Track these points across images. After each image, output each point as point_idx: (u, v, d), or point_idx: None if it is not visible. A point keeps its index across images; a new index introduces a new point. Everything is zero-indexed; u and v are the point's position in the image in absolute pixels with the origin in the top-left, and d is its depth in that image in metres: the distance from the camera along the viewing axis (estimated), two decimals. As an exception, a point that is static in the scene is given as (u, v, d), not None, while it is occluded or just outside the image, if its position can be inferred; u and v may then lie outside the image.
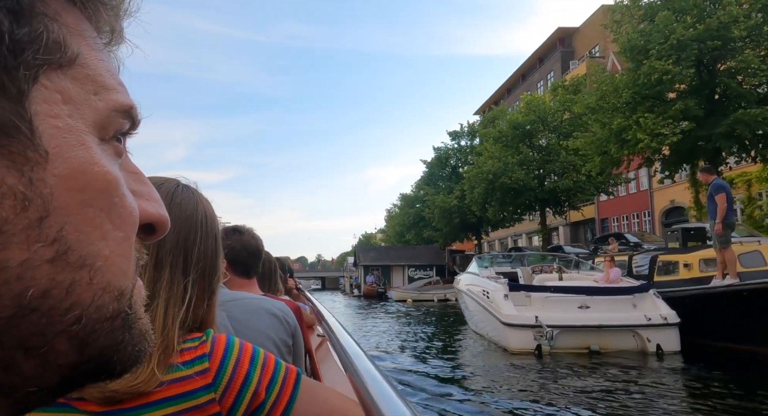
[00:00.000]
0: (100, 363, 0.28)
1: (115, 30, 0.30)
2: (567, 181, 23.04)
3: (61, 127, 0.25)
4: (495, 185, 24.26)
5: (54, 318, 0.24)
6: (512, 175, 23.83)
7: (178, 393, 0.64)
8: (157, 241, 0.34)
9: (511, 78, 49.00)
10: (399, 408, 0.73)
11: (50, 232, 0.24)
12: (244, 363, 0.69)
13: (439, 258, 38.96)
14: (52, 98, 0.25)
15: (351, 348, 1.19)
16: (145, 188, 0.32)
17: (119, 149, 0.29)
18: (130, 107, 0.29)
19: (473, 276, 12.23)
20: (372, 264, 38.40)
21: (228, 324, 1.26)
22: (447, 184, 36.52)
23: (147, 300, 0.32)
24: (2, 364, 0.24)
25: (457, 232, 36.16)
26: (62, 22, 0.26)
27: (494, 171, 24.14)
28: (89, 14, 0.28)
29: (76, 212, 0.25)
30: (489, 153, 25.35)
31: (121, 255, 0.28)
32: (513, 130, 25.16)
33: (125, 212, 0.28)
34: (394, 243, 49.99)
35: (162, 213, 0.32)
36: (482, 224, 35.38)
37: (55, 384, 0.26)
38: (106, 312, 0.27)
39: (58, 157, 0.24)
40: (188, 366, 0.66)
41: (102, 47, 0.29)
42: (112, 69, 0.29)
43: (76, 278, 0.25)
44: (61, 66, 0.25)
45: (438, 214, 34.56)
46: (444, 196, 34.57)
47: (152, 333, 0.32)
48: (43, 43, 0.24)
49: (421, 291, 28.80)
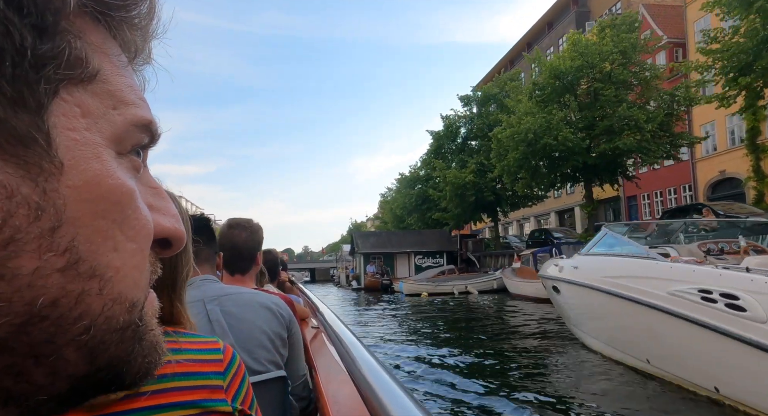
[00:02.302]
0: (110, 374, 0.28)
1: (138, 49, 0.31)
2: (629, 141, 18.06)
3: (78, 140, 0.25)
4: (536, 148, 19.26)
5: (63, 326, 0.25)
6: (558, 134, 18.84)
7: (189, 370, 0.64)
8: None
9: (515, 47, 43.83)
10: (399, 396, 0.75)
11: (62, 242, 0.24)
12: (243, 370, 0.72)
13: (449, 244, 33.98)
14: (71, 112, 0.25)
15: (347, 338, 1.40)
16: (162, 203, 0.32)
17: (137, 163, 0.30)
18: (149, 122, 0.30)
19: (623, 262, 6.47)
20: (373, 251, 33.16)
21: (222, 318, 1.37)
22: (459, 157, 31.46)
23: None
24: (13, 371, 0.24)
25: (471, 213, 31.23)
26: (86, 39, 0.26)
27: (536, 129, 19.11)
28: (115, 33, 0.29)
29: (88, 223, 0.25)
30: (525, 108, 20.28)
31: (133, 267, 0.28)
32: (554, 79, 20.10)
33: (139, 225, 0.28)
34: (391, 230, 44.80)
35: (178, 228, 0.32)
36: (501, 202, 30.48)
37: (66, 393, 0.26)
38: (116, 323, 0.27)
39: (73, 169, 0.25)
40: (202, 352, 0.68)
41: (126, 64, 0.30)
42: (134, 85, 0.30)
43: (86, 288, 0.25)
44: (82, 81, 0.26)
45: (450, 192, 29.56)
46: (457, 170, 29.56)
47: (164, 344, 0.32)
48: (65, 58, 0.25)
49: (437, 283, 23.82)
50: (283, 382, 1.44)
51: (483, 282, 23.30)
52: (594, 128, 19.70)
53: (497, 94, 31.07)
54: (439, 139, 33.36)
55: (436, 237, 34.43)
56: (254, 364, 1.38)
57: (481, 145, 30.65)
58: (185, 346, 0.67)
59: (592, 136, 19.45)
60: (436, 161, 31.60)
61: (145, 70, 0.33)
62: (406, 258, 33.43)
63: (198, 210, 1.81)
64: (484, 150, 30.42)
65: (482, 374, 7.35)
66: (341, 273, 44.69)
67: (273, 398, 1.39)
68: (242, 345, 1.37)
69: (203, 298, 1.42)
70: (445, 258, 33.09)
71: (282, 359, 1.48)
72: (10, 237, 0.23)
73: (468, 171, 29.02)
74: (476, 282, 23.31)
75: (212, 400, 0.63)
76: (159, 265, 0.33)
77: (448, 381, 6.93)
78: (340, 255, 53.58)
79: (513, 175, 21.19)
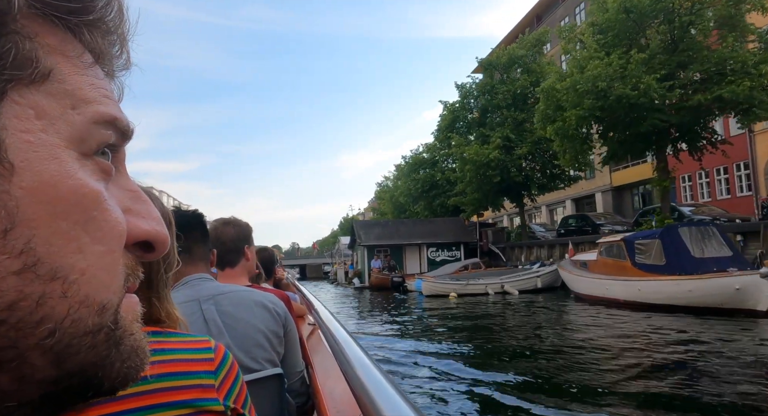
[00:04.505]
0: (84, 379, 0.27)
1: (102, 51, 0.30)
2: (739, 88, 13.36)
3: (32, 142, 0.25)
4: (608, 101, 14.50)
5: (25, 331, 0.24)
6: (638, 82, 14.11)
7: (180, 370, 0.64)
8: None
9: (523, 21, 38.93)
10: (390, 393, 0.75)
11: (16, 244, 0.24)
12: (236, 368, 0.72)
13: (466, 234, 29.23)
14: (24, 114, 0.25)
15: (341, 336, 1.37)
16: (142, 206, 0.31)
17: (104, 165, 0.29)
18: (113, 118, 0.29)
19: None
20: (378, 243, 28.18)
21: (218, 318, 1.37)
22: (479, 131, 26.68)
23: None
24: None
25: (493, 197, 26.55)
26: (39, 40, 0.26)
27: (609, 76, 14.35)
28: (76, 35, 0.28)
29: (46, 225, 0.25)
30: (588, 52, 15.48)
31: (101, 269, 0.27)
32: (623, 14, 15.31)
33: (107, 226, 0.27)
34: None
35: (160, 231, 0.32)
36: (530, 184, 25.81)
37: (38, 400, 0.26)
38: (84, 327, 0.26)
39: (26, 170, 0.24)
40: (193, 352, 0.68)
41: (90, 64, 0.29)
42: (98, 83, 0.29)
43: (47, 291, 0.25)
44: (34, 81, 0.25)
45: (471, 173, 24.81)
46: (478, 146, 24.80)
47: (147, 348, 0.31)
48: (10, 59, 0.24)
49: (466, 282, 19.03)
50: (279, 379, 1.44)
51: (523, 280, 18.63)
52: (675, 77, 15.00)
53: (523, 56, 26.34)
54: (454, 112, 28.51)
55: (449, 226, 29.64)
56: (251, 363, 1.38)
57: (506, 117, 25.91)
58: (174, 346, 0.66)
59: (680, 86, 14.72)
60: (453, 136, 26.76)
61: (125, 75, 0.33)
62: (417, 250, 28.60)
63: (184, 207, 1.71)
64: (511, 122, 25.74)
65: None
66: (339, 269, 39.67)
67: (270, 395, 1.40)
68: (239, 345, 1.37)
69: (198, 298, 1.40)
70: (462, 250, 28.35)
71: (279, 357, 1.48)
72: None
73: (492, 146, 24.30)
74: (515, 280, 18.61)
75: (204, 399, 0.63)
76: (141, 269, 0.32)
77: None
78: (337, 248, 48.40)
79: (571, 139, 16.39)
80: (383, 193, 52.82)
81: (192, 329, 0.86)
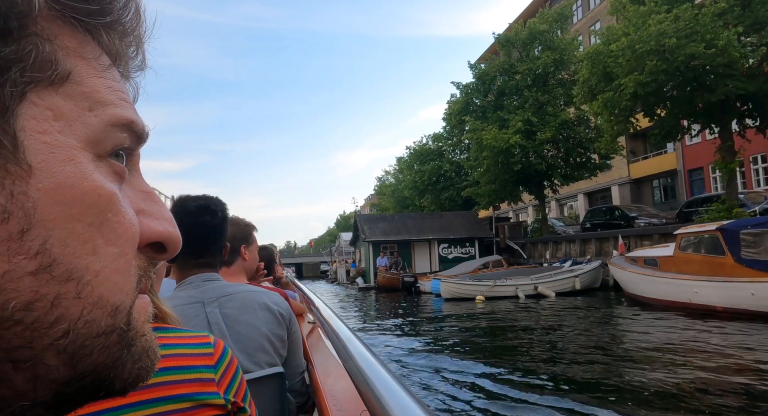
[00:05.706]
0: (96, 380, 0.27)
1: (119, 53, 0.31)
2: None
3: (49, 143, 0.25)
4: (677, 63, 11.90)
5: (40, 331, 0.24)
6: (713, 39, 11.52)
7: (180, 364, 0.64)
8: None
9: (530, 6, 36.21)
10: (395, 389, 0.74)
11: (33, 245, 0.24)
12: (236, 363, 0.72)
13: (480, 229, 26.59)
14: (42, 115, 0.25)
15: (343, 333, 1.32)
16: (155, 207, 0.32)
17: (118, 167, 0.29)
18: (129, 121, 0.29)
19: None
20: (384, 239, 25.42)
21: (221, 321, 1.36)
22: (496, 115, 24.04)
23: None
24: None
25: (511, 188, 23.97)
26: (59, 42, 0.26)
27: (677, 31, 11.75)
28: (95, 37, 0.29)
29: (62, 226, 0.25)
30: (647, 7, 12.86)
31: (115, 271, 0.27)
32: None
33: (121, 228, 0.28)
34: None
35: (172, 232, 0.32)
36: (553, 174, 23.25)
37: (51, 400, 0.26)
38: (97, 328, 0.26)
39: (44, 172, 0.24)
40: (192, 347, 0.68)
41: (108, 66, 0.29)
42: (116, 86, 0.29)
43: (62, 291, 0.25)
44: (53, 83, 0.26)
45: (489, 160, 22.21)
46: (497, 130, 22.20)
47: (157, 349, 0.32)
48: (31, 61, 0.24)
49: (493, 283, 16.42)
50: (280, 378, 1.43)
51: (560, 281, 16.06)
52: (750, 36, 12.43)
53: (545, 31, 23.73)
54: (466, 94, 25.86)
55: (461, 220, 27.00)
56: (253, 367, 1.36)
57: (526, 99, 23.31)
58: (174, 341, 0.66)
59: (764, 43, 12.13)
60: (468, 119, 24.11)
61: (139, 76, 0.33)
62: (427, 247, 25.96)
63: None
64: (532, 104, 23.15)
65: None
66: (340, 267, 36.94)
67: (271, 394, 1.39)
68: (241, 348, 1.36)
69: (203, 300, 1.40)
70: (476, 246, 25.75)
71: (281, 360, 1.47)
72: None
73: (512, 131, 21.71)
74: (551, 281, 16.04)
75: (205, 393, 0.63)
76: (153, 270, 0.32)
77: None
78: (337, 245, 45.62)
79: (622, 113, 13.77)
80: (384, 188, 50.14)
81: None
